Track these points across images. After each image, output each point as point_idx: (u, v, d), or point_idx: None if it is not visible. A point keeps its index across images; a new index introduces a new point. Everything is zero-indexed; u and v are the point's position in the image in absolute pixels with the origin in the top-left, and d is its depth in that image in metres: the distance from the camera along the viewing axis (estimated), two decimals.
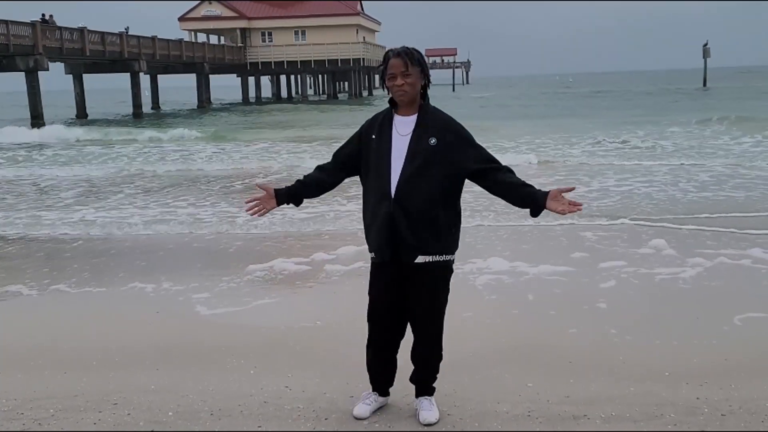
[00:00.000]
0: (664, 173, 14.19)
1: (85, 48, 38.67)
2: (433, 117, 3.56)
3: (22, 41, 33.58)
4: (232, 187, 14.26)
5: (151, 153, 21.72)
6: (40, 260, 8.18)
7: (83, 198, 13.27)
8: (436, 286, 3.63)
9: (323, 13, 61.07)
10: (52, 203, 12.69)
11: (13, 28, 32.98)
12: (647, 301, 6.13)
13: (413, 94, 3.53)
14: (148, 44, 45.86)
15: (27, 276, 7.39)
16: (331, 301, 6.28)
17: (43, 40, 34.77)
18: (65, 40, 36.94)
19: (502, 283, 6.73)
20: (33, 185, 15.37)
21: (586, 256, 7.67)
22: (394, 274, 3.63)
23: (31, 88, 35.33)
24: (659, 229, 8.88)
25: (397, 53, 3.52)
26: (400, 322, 3.75)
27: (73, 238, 9.43)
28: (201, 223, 10.22)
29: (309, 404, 4.01)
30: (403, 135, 3.54)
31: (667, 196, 11.61)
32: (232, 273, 7.28)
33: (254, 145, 22.94)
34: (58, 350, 5.07)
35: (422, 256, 3.53)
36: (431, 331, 3.72)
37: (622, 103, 45.86)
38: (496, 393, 4.13)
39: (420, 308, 3.66)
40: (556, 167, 15.94)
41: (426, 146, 3.48)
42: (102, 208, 11.82)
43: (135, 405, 4.07)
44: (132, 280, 7.10)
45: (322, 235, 9.22)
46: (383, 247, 3.58)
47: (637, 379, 4.32)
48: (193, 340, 5.26)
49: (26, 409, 4.04)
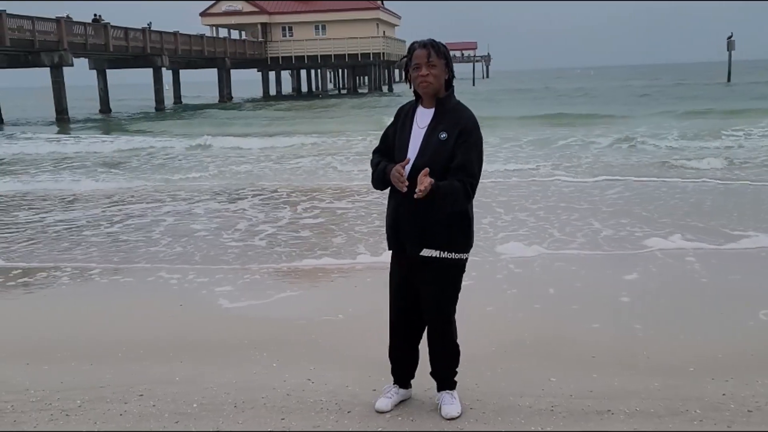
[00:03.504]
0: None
1: (109, 43, 38.97)
2: (450, 111, 3.55)
3: (46, 37, 33.94)
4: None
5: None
6: (65, 246, 8.28)
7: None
8: (442, 282, 3.62)
9: (343, 8, 61.03)
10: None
11: (38, 24, 33.35)
12: (671, 295, 6.08)
13: (437, 86, 3.52)
14: (170, 39, 46.08)
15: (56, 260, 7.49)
16: (353, 295, 6.30)
17: (68, 36, 35.09)
18: (89, 35, 37.26)
19: (523, 277, 6.71)
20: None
21: (607, 248, 7.62)
22: (408, 267, 3.66)
23: (55, 84, 35.69)
24: (682, 224, 8.80)
25: (422, 44, 3.52)
26: (417, 314, 3.76)
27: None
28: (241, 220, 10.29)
29: (331, 397, 4.03)
30: (421, 127, 3.55)
31: (699, 191, 11.49)
32: (255, 265, 7.33)
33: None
34: (84, 342, 5.13)
35: (428, 250, 3.54)
36: (439, 325, 3.73)
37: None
38: (519, 387, 4.12)
39: (427, 302, 3.68)
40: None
41: (436, 140, 3.48)
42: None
43: (160, 396, 4.11)
44: (159, 270, 7.18)
45: (345, 228, 9.24)
46: (391, 238, 3.67)
47: (661, 374, 4.29)
48: (216, 333, 5.30)
49: (54, 400, 4.10)
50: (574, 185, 12.22)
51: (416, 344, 3.89)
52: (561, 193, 11.50)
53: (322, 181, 13.79)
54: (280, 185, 13.43)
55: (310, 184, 13.55)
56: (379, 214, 9.53)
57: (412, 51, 3.54)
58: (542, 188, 11.94)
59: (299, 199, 11.72)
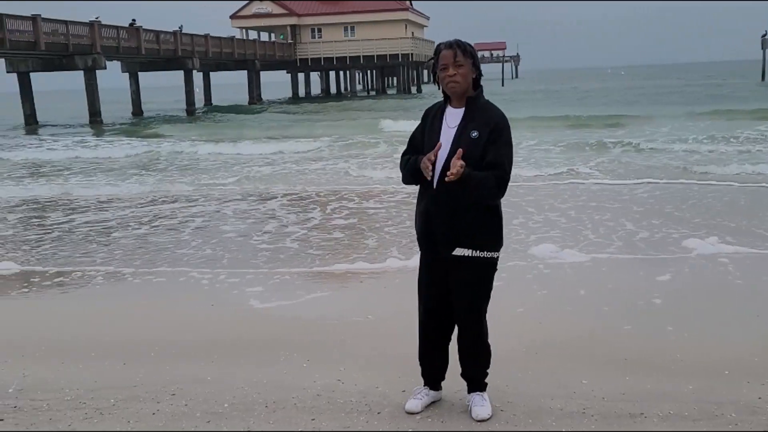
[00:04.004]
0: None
1: (141, 47, 39.47)
2: (480, 110, 3.55)
3: (80, 41, 34.48)
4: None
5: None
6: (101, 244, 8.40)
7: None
8: (475, 281, 3.61)
9: (372, 9, 61.19)
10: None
11: (72, 28, 33.89)
12: (704, 296, 6.00)
13: (465, 86, 3.52)
14: (201, 42, 46.55)
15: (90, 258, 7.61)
16: (383, 296, 6.30)
17: (101, 39, 35.61)
18: (122, 38, 37.77)
19: (554, 278, 6.67)
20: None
21: (641, 248, 7.54)
22: (438, 266, 3.65)
23: (89, 87, 36.20)
24: (717, 224, 8.67)
25: (448, 45, 3.53)
26: (447, 315, 3.76)
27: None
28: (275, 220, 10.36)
29: (361, 398, 4.03)
30: (451, 127, 3.55)
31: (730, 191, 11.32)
32: (286, 266, 7.37)
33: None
34: (117, 341, 5.20)
35: (460, 249, 3.54)
36: (471, 325, 3.71)
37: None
38: (550, 389, 4.08)
39: (459, 302, 3.67)
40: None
41: (467, 139, 3.47)
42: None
43: (192, 396, 4.15)
44: (191, 270, 7.26)
45: (375, 230, 9.25)
46: (422, 238, 3.67)
47: (695, 377, 4.23)
48: (246, 333, 5.34)
49: (88, 399, 4.15)
50: (602, 186, 12.12)
51: (446, 345, 3.88)
52: (590, 192, 11.41)
53: (349, 181, 13.83)
54: (308, 186, 13.49)
55: (336, 184, 13.59)
56: (409, 215, 9.52)
57: (438, 52, 3.54)
58: (567, 189, 11.85)
59: (328, 200, 11.76)
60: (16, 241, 9.31)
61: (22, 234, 9.82)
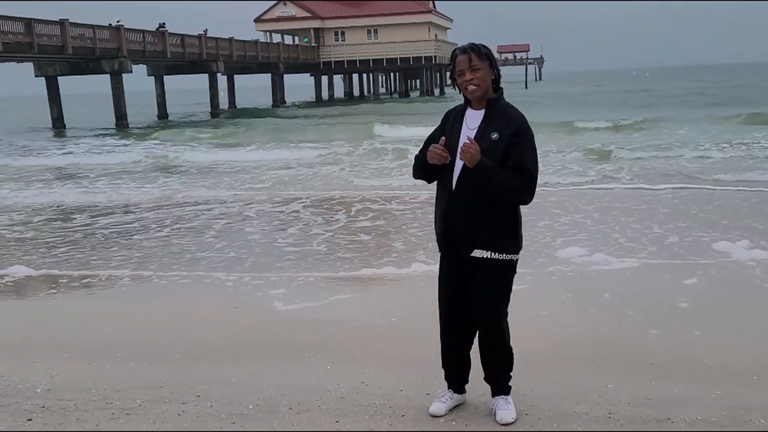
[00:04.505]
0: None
1: (167, 50, 39.86)
2: (500, 112, 3.54)
3: (107, 44, 34.91)
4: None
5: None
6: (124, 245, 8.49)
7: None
8: (493, 283, 3.60)
9: (395, 12, 61.25)
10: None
11: (99, 32, 34.32)
12: (732, 300, 5.92)
13: (484, 89, 3.51)
14: (226, 45, 46.89)
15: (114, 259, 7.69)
16: (406, 298, 6.30)
17: (127, 43, 36.02)
18: (147, 42, 38.18)
19: (578, 281, 6.62)
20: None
21: (666, 252, 7.46)
22: (457, 268, 3.65)
23: (115, 90, 36.66)
24: (746, 227, 8.56)
25: (463, 50, 3.52)
26: (467, 318, 3.74)
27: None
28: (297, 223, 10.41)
29: (385, 401, 4.03)
30: (471, 129, 3.54)
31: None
32: (309, 269, 7.40)
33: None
34: (143, 342, 5.25)
35: (479, 251, 3.53)
36: (491, 327, 3.70)
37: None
38: (575, 394, 4.06)
39: (478, 305, 3.66)
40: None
41: (488, 141, 3.46)
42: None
43: (217, 397, 4.18)
44: (215, 271, 7.32)
45: (398, 232, 9.25)
46: (441, 239, 3.68)
47: (722, 382, 4.18)
48: (270, 335, 5.36)
49: (115, 399, 4.20)
50: (627, 191, 12.02)
51: (468, 348, 3.87)
52: (614, 195, 11.32)
53: (372, 184, 13.85)
54: (332, 189, 13.53)
55: (357, 187, 13.61)
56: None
57: (454, 58, 3.54)
58: (587, 193, 11.77)
59: (352, 201, 11.78)
60: (37, 244, 9.44)
61: (44, 237, 9.95)
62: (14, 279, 7.56)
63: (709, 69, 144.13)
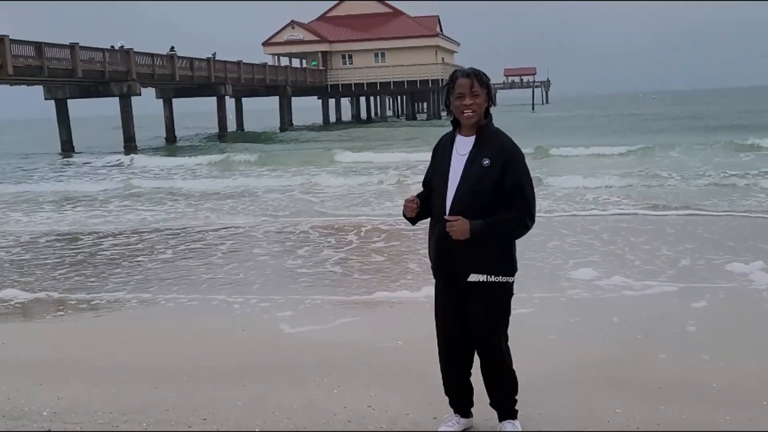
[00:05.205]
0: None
1: (175, 73, 40.19)
2: (491, 138, 3.54)
3: (116, 68, 35.23)
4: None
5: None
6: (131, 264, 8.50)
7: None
8: (491, 306, 3.59)
9: (403, 35, 61.71)
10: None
11: (108, 56, 34.65)
12: (741, 323, 5.88)
13: (479, 114, 3.52)
14: (234, 69, 47.23)
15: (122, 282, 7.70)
16: (413, 321, 6.27)
17: (136, 67, 36.34)
18: (156, 66, 38.51)
19: (586, 304, 6.59)
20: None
21: (673, 274, 7.43)
22: (453, 293, 3.64)
23: (124, 113, 36.92)
24: (754, 249, 8.52)
25: (465, 73, 3.53)
26: (465, 343, 3.72)
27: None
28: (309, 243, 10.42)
29: (392, 424, 4.01)
30: (462, 155, 3.55)
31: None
32: (316, 292, 7.40)
33: None
34: (149, 365, 5.24)
35: (475, 275, 3.52)
36: (492, 351, 3.68)
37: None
38: (583, 418, 4.03)
39: (477, 329, 3.64)
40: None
41: (479, 167, 3.47)
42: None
43: (223, 420, 4.16)
44: (220, 292, 7.31)
45: (406, 255, 9.24)
46: (437, 265, 3.66)
47: (732, 407, 4.14)
48: (277, 358, 5.35)
49: (121, 422, 4.19)
50: (633, 217, 12.00)
51: (467, 374, 3.84)
52: (618, 218, 11.31)
53: (379, 207, 13.87)
54: (338, 212, 13.56)
55: (366, 209, 13.63)
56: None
57: (454, 80, 3.54)
58: (589, 218, 11.75)
59: (360, 222, 11.79)
60: (49, 268, 9.47)
61: (53, 262, 9.99)
62: (22, 301, 7.58)
63: (724, 92, 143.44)
